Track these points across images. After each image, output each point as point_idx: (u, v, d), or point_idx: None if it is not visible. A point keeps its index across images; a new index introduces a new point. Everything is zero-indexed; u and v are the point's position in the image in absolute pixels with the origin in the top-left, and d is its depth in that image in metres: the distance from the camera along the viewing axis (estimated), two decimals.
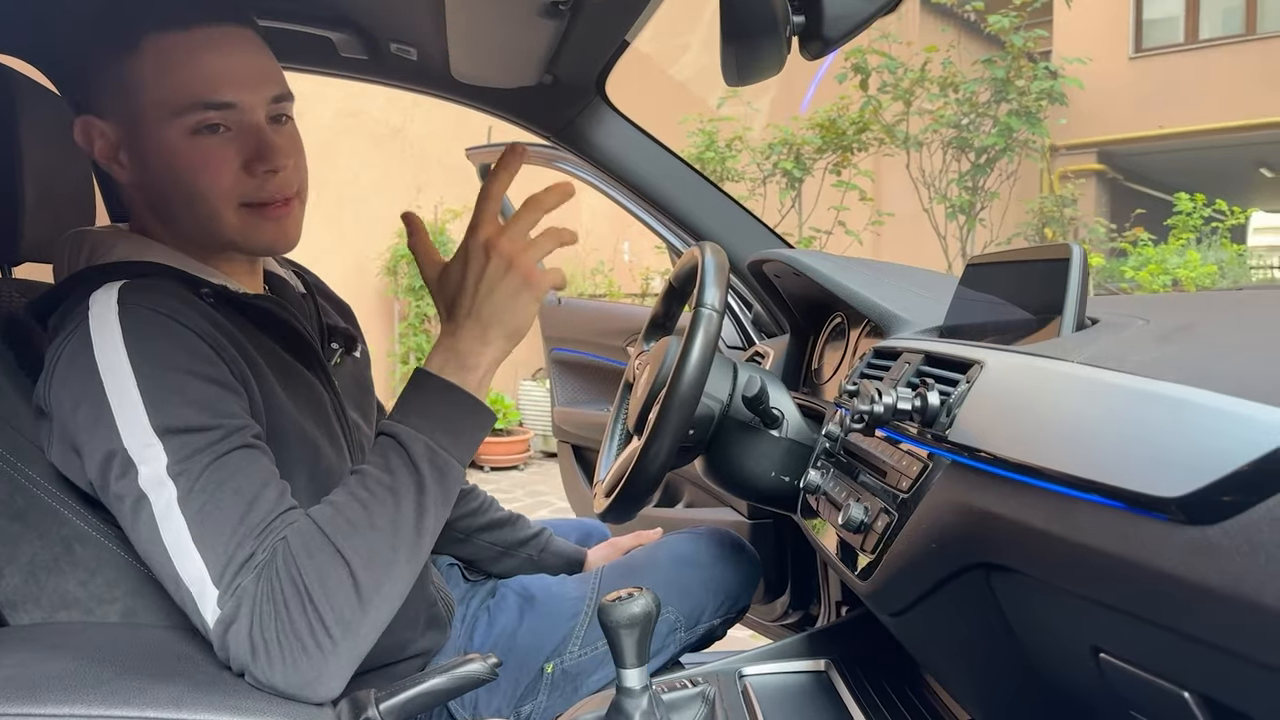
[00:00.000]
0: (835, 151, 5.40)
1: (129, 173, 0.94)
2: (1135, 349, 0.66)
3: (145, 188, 0.95)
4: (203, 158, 0.91)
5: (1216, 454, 0.50)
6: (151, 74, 0.89)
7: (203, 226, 0.94)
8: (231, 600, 0.76)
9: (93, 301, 0.85)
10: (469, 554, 1.36)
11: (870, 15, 0.86)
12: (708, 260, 1.13)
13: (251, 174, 0.92)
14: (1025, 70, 5.08)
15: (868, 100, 5.30)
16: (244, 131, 0.92)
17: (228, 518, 0.78)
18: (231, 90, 0.91)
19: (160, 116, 0.90)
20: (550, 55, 1.23)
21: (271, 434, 0.91)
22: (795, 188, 5.52)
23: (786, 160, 5.44)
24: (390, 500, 0.82)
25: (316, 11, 1.23)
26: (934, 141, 5.49)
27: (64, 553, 0.90)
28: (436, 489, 0.85)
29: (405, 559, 0.83)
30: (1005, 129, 5.05)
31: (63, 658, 0.78)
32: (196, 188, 0.92)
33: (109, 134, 0.93)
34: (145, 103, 0.90)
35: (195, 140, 0.90)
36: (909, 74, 5.28)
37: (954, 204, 5.36)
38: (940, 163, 5.51)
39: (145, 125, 0.91)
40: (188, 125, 0.90)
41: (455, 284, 0.88)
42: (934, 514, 0.72)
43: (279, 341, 1.00)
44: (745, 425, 1.19)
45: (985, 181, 5.36)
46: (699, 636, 1.28)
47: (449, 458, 0.86)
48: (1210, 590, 0.48)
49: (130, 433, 0.79)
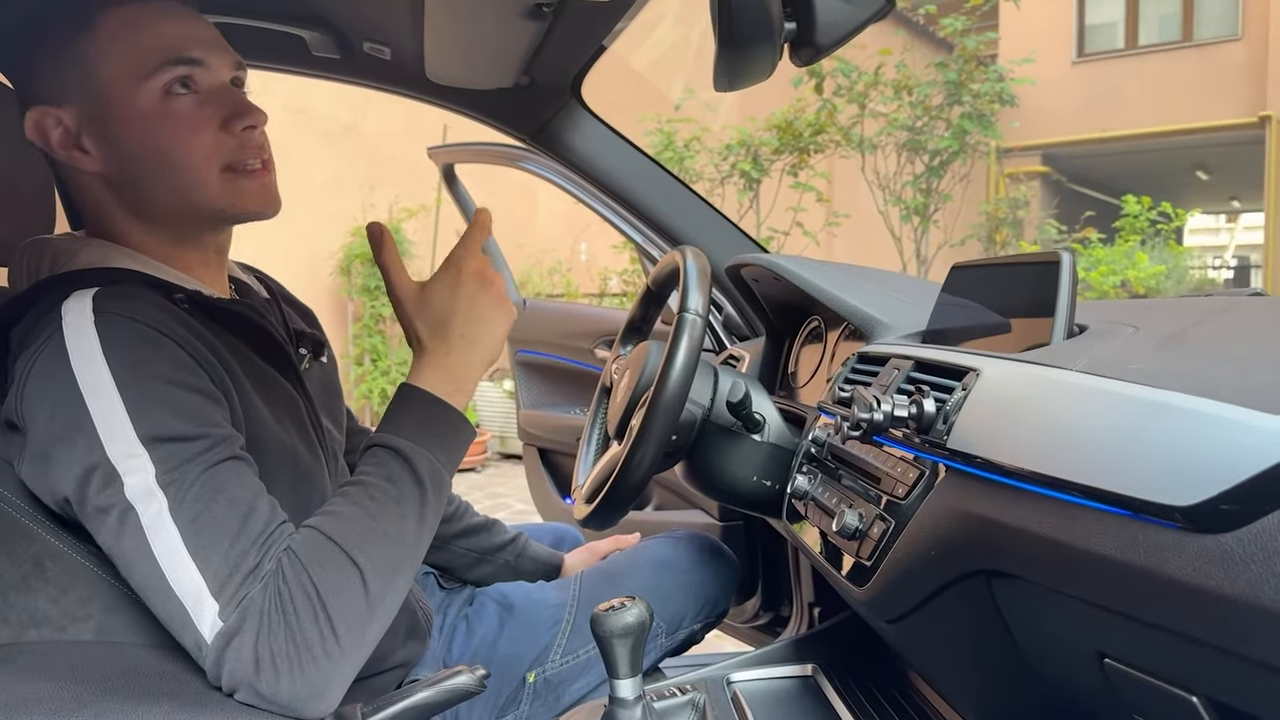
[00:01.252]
0: (792, 153, 5.45)
1: (94, 159, 0.90)
2: (1133, 357, 0.67)
3: (115, 171, 0.91)
4: (179, 118, 0.88)
5: (1226, 464, 0.51)
6: (110, 47, 0.87)
7: (184, 200, 0.91)
8: (236, 612, 0.74)
9: (65, 311, 0.82)
10: (445, 561, 1.34)
11: (862, 22, 0.87)
12: (690, 266, 1.12)
13: (230, 132, 0.90)
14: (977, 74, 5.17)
15: (824, 103, 5.35)
16: (215, 92, 0.90)
17: (225, 529, 0.77)
18: (199, 48, 0.90)
19: (127, 85, 0.87)
20: (529, 57, 1.21)
21: (251, 442, 0.89)
22: (753, 188, 5.55)
23: (744, 161, 5.48)
24: (395, 510, 0.83)
25: (289, 9, 1.20)
26: (888, 144, 5.57)
27: (34, 570, 0.86)
28: (435, 502, 0.86)
29: (408, 567, 0.84)
30: (959, 131, 5.14)
31: (38, 679, 0.75)
32: (177, 153, 0.89)
33: (66, 121, 0.89)
34: (107, 76, 0.87)
35: (169, 102, 0.88)
36: (863, 77, 5.34)
37: (909, 206, 5.44)
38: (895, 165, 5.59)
39: (111, 99, 0.88)
40: (159, 86, 0.87)
41: (444, 305, 0.91)
42: (933, 521, 0.73)
43: (253, 348, 0.97)
44: (727, 430, 1.19)
45: (939, 184, 5.45)
46: (679, 642, 1.28)
47: (445, 473, 0.88)
48: (1223, 597, 0.49)
49: (114, 444, 0.77)
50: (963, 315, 0.99)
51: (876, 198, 5.55)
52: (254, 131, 0.92)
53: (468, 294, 0.91)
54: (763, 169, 5.48)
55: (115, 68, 0.87)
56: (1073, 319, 0.80)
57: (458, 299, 0.90)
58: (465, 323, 0.90)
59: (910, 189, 5.48)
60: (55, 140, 0.90)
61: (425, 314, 0.91)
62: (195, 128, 0.89)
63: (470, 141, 2.33)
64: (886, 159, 5.62)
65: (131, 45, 0.87)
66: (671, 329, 1.08)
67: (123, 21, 0.88)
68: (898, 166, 5.56)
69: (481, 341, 0.91)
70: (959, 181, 5.53)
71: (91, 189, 0.93)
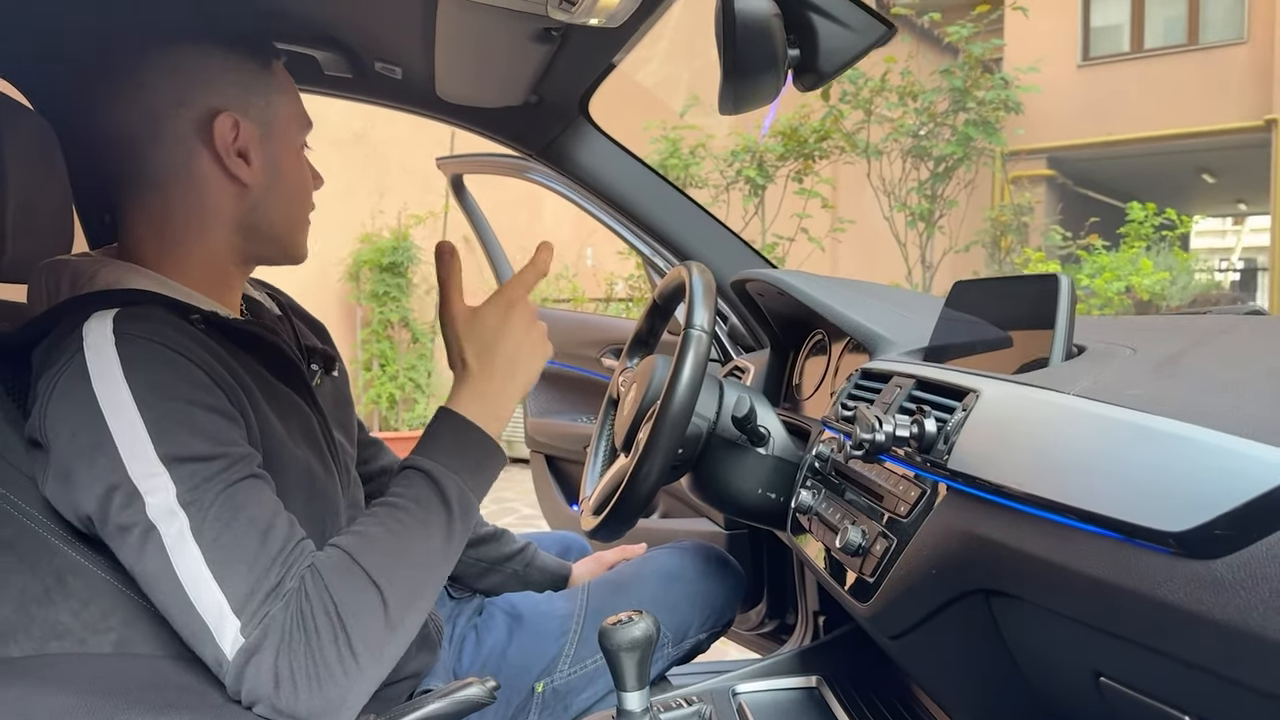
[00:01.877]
0: (797, 159, 5.46)
1: (251, 172, 0.96)
2: (1130, 381, 0.68)
3: (262, 187, 0.98)
4: (306, 172, 1.03)
5: (1218, 491, 0.53)
6: (283, 91, 1.00)
7: (289, 231, 1.02)
8: (258, 629, 0.76)
9: (86, 331, 0.84)
10: (454, 570, 1.36)
11: (862, 50, 0.89)
12: (696, 281, 1.14)
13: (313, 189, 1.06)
14: (983, 80, 5.18)
15: (829, 109, 5.37)
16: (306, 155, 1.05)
17: (246, 547, 0.79)
18: None
19: (291, 130, 1.00)
20: (537, 77, 1.23)
21: (268, 459, 0.91)
22: (758, 195, 5.57)
23: (749, 168, 5.49)
24: (422, 533, 0.86)
25: (302, 31, 1.22)
26: (894, 150, 5.58)
27: (55, 584, 0.88)
28: (461, 526, 0.89)
29: (431, 589, 0.86)
30: (964, 138, 5.15)
31: (62, 691, 0.77)
32: (304, 196, 1.03)
33: (245, 132, 0.95)
34: (284, 115, 0.99)
35: (301, 157, 1.03)
36: (869, 83, 5.36)
37: (914, 212, 5.46)
38: (900, 171, 5.60)
39: (283, 134, 0.99)
40: (301, 141, 1.02)
41: (493, 333, 0.96)
42: (934, 540, 0.75)
43: (266, 365, 0.99)
44: (732, 443, 1.21)
45: (944, 190, 5.46)
46: (685, 651, 1.30)
47: (473, 498, 0.91)
48: (1213, 622, 0.51)
49: (135, 463, 0.79)
50: (964, 331, 1.00)
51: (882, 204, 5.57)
52: None
53: (515, 326, 0.96)
54: (768, 175, 5.50)
55: (287, 111, 1.00)
56: (1071, 340, 0.82)
57: (506, 329, 0.96)
58: (510, 353, 0.95)
59: (915, 195, 5.49)
60: (228, 141, 0.95)
61: (474, 338, 0.96)
62: (308, 182, 1.04)
63: (478, 153, 2.35)
64: (892, 165, 5.64)
65: (293, 98, 1.02)
66: (678, 343, 1.10)
67: (285, 76, 1.01)
68: (903, 172, 5.57)
69: (521, 374, 0.96)
70: (964, 187, 5.54)
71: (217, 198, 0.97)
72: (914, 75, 5.39)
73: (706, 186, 5.75)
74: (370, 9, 1.14)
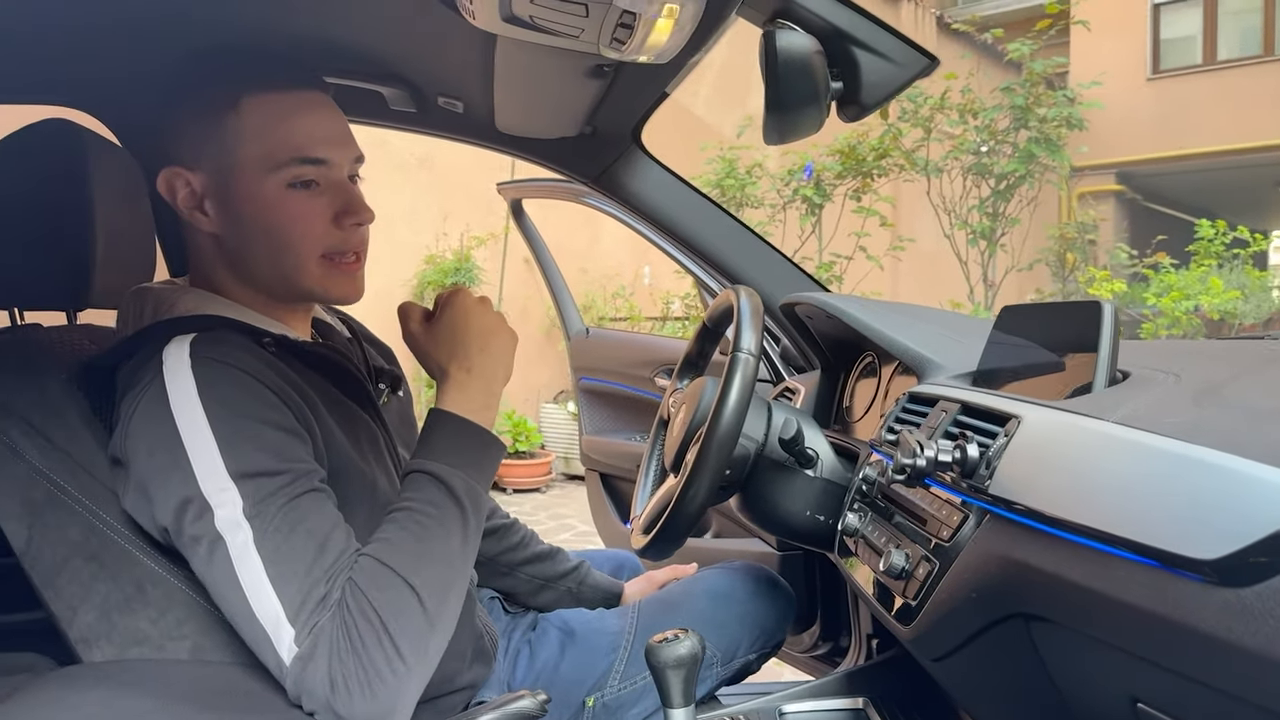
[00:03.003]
0: (855, 177, 5.44)
1: (212, 222, 0.99)
2: (1170, 410, 0.69)
3: (228, 238, 1.00)
4: (297, 210, 0.98)
5: (1252, 519, 0.53)
6: (250, 131, 0.96)
7: (283, 276, 1.00)
8: (309, 639, 0.80)
9: (166, 356, 0.90)
10: (510, 586, 1.40)
11: (905, 82, 0.90)
12: (743, 305, 1.16)
13: (340, 227, 1.00)
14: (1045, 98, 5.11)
15: (888, 128, 5.35)
16: (333, 187, 1.00)
17: (302, 559, 0.83)
18: (325, 148, 0.98)
19: (256, 170, 0.96)
20: (591, 109, 1.28)
21: (333, 473, 0.96)
22: (815, 214, 5.56)
23: (806, 187, 5.49)
24: (441, 531, 0.90)
25: (369, 69, 1.28)
26: (954, 168, 5.53)
27: (136, 592, 0.94)
28: (475, 519, 0.93)
29: (458, 582, 0.90)
30: (1026, 155, 5.07)
31: (139, 695, 0.82)
32: (287, 239, 0.98)
33: (195, 184, 0.98)
34: (241, 157, 0.96)
35: (289, 194, 0.97)
36: (928, 101, 5.32)
37: (975, 230, 5.39)
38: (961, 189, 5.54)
39: (239, 178, 0.97)
40: (283, 179, 0.96)
41: (457, 330, 1.00)
42: (975, 564, 0.76)
43: (335, 385, 1.05)
44: (780, 465, 1.22)
45: (1006, 208, 5.38)
46: (734, 671, 1.31)
47: (480, 490, 0.95)
48: (1245, 650, 0.51)
49: (206, 478, 0.84)
50: (1011, 356, 1.01)
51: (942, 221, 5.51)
52: (360, 228, 1.01)
53: (475, 317, 1.00)
54: (825, 194, 5.49)
55: (250, 152, 0.96)
56: (1114, 366, 0.82)
57: (469, 322, 1.00)
58: (480, 342, 0.99)
59: (976, 213, 5.42)
60: (181, 198, 0.99)
61: (440, 342, 1.00)
62: (308, 220, 0.98)
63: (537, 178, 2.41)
64: (952, 182, 5.58)
65: (268, 136, 0.96)
66: (725, 365, 1.12)
67: (265, 110, 0.96)
68: (964, 190, 5.51)
69: (497, 357, 1.00)
70: (1026, 205, 5.45)
71: (203, 245, 1.02)
72: (974, 93, 5.33)
73: (763, 206, 5.76)
74: (434, 50, 1.19)
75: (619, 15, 0.85)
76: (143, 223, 1.20)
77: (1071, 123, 4.99)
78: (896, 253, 5.62)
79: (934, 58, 0.90)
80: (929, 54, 0.89)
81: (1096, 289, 5.11)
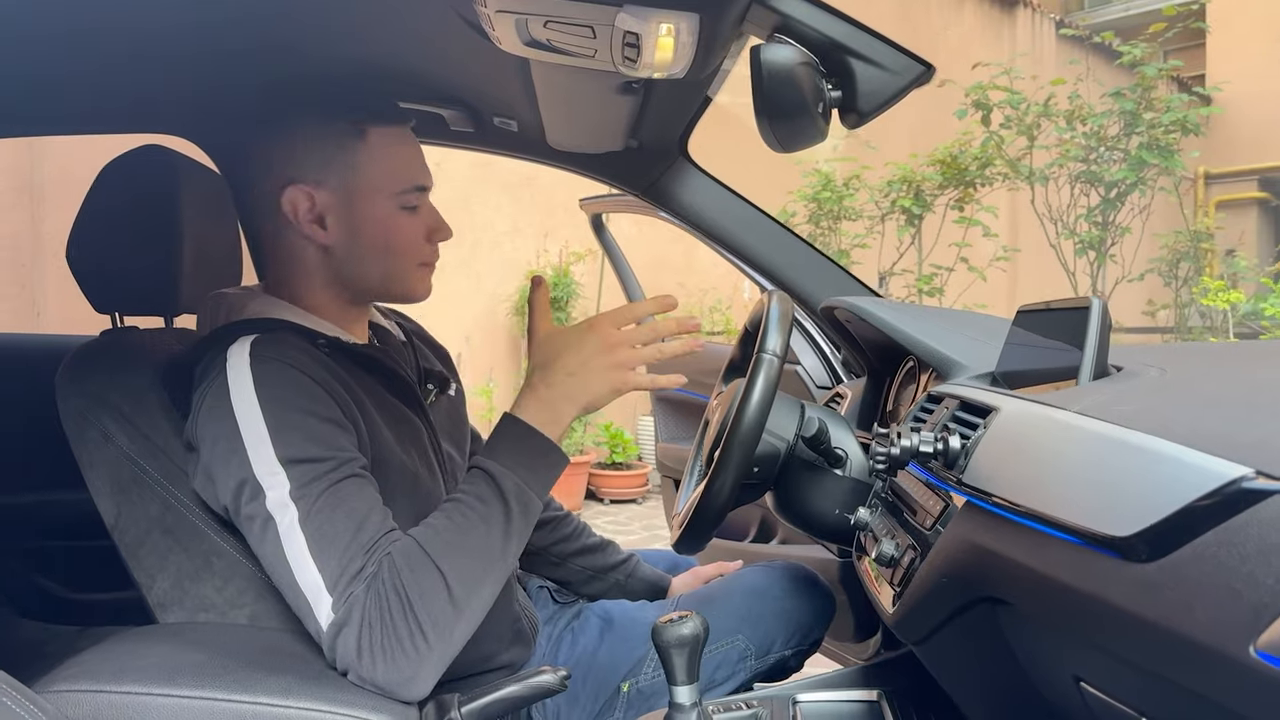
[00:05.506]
0: (957, 187, 5.34)
1: (330, 235, 1.12)
2: (1127, 400, 0.70)
3: (343, 248, 1.12)
4: (407, 229, 1.14)
5: (1162, 496, 0.55)
6: (376, 158, 1.11)
7: (386, 281, 1.15)
8: (344, 606, 0.90)
9: (229, 354, 1.02)
10: (561, 576, 1.48)
11: (901, 89, 0.94)
12: (773, 308, 1.21)
13: (430, 241, 1.16)
14: (1155, 102, 4.88)
15: (989, 136, 5.22)
16: (425, 208, 1.16)
17: (341, 536, 0.93)
18: (425, 177, 1.15)
19: (379, 192, 1.11)
20: (632, 124, 1.35)
21: (375, 464, 1.06)
22: (915, 225, 5.47)
23: (905, 197, 5.41)
24: (482, 526, 0.97)
25: (430, 94, 1.39)
26: (1061, 176, 5.34)
27: (204, 564, 1.06)
28: (520, 519, 1.00)
29: (492, 576, 0.97)
30: (1137, 162, 4.86)
31: (197, 651, 0.93)
32: (396, 250, 1.13)
33: (318, 200, 1.11)
34: (366, 180, 1.11)
35: (400, 214, 1.13)
36: (1032, 108, 5.17)
37: (1083, 240, 5.19)
38: (1068, 197, 5.35)
39: (363, 198, 1.11)
40: (398, 202, 1.12)
41: (560, 348, 1.05)
42: (948, 550, 0.78)
43: (382, 383, 1.15)
44: (810, 464, 1.25)
45: (1116, 216, 5.16)
46: (770, 666, 1.34)
47: (532, 494, 1.01)
48: (1147, 622, 0.53)
49: (259, 463, 0.95)
50: (1024, 357, 1.02)
51: (1048, 231, 5.33)
52: (442, 243, 1.17)
53: (587, 347, 1.04)
54: (925, 204, 5.40)
55: (375, 177, 1.11)
56: (1103, 362, 0.83)
57: (577, 348, 1.05)
58: (573, 367, 1.04)
59: (1084, 222, 5.22)
60: (301, 212, 1.11)
61: (543, 354, 1.07)
62: (414, 236, 1.14)
63: (616, 194, 2.50)
64: (1060, 191, 5.39)
65: (392, 163, 1.12)
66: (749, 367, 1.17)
67: (388, 140, 1.12)
68: (1071, 199, 5.32)
69: (579, 388, 1.04)
70: (1138, 213, 5.22)
71: (305, 255, 1.14)
72: (1083, 99, 5.15)
73: (861, 218, 5.70)
74: (484, 73, 1.29)
75: (623, 35, 0.91)
76: (229, 237, 1.33)
77: (1187, 127, 4.76)
78: (1001, 263, 5.46)
79: (929, 65, 0.93)
80: (924, 61, 0.92)
81: (1211, 300, 4.83)
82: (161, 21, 1.08)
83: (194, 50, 1.21)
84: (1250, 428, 0.59)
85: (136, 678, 0.86)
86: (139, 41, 1.14)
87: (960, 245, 5.26)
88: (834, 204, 5.60)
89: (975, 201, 5.32)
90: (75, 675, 0.86)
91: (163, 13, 1.05)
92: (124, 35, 1.10)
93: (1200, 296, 5.11)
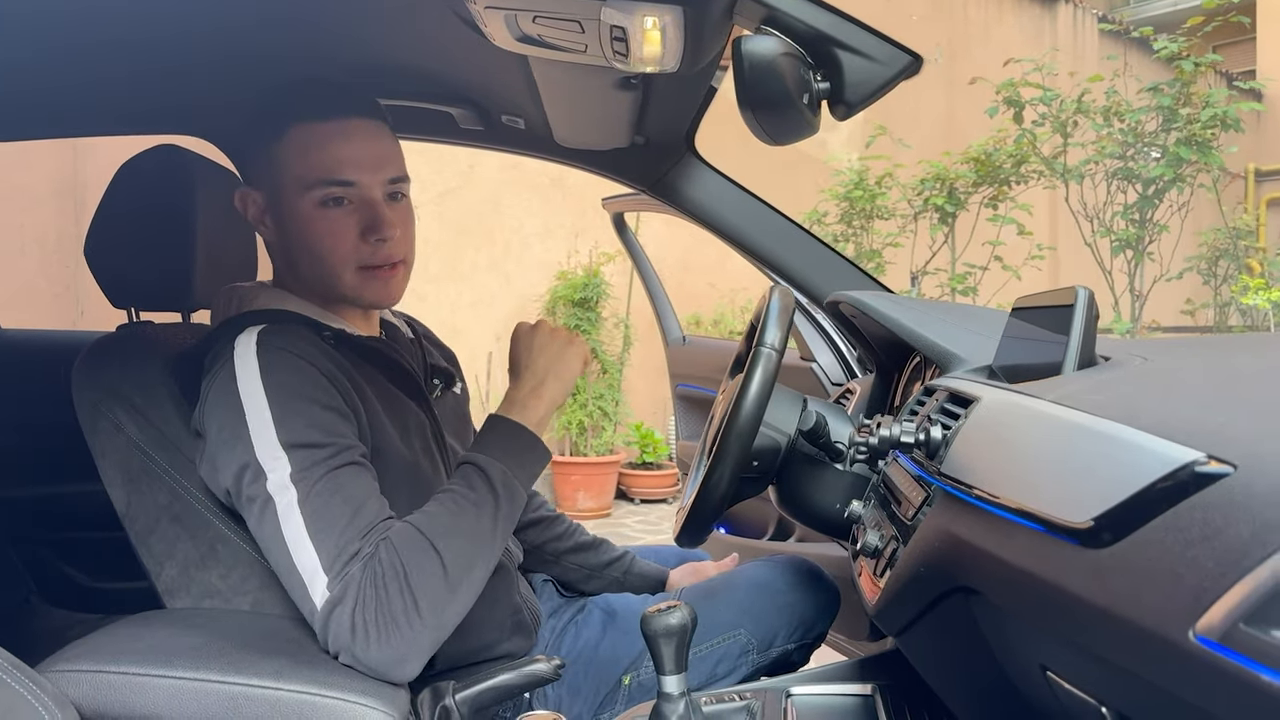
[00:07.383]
0: (990, 185, 5.27)
1: (271, 234, 1.17)
2: (1102, 389, 0.70)
3: (282, 248, 1.17)
4: (326, 226, 1.12)
5: (1117, 482, 0.55)
6: (293, 155, 1.11)
7: (324, 282, 1.15)
8: (340, 585, 0.92)
9: (237, 343, 1.05)
10: (558, 574, 1.50)
11: (889, 79, 0.94)
12: (773, 302, 1.21)
13: (366, 241, 1.13)
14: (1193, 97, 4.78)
15: (1023, 133, 5.15)
16: (362, 205, 1.12)
17: (338, 518, 0.95)
18: (353, 171, 1.11)
19: (296, 190, 1.11)
20: (635, 121, 1.35)
21: (375, 453, 1.08)
22: (948, 223, 5.41)
23: (938, 195, 5.35)
24: (473, 510, 1.01)
25: (438, 92, 1.41)
26: (1097, 173, 5.25)
27: (209, 551, 1.09)
28: (507, 505, 1.04)
29: (483, 559, 1.01)
30: (1174, 159, 4.75)
31: (196, 635, 0.96)
32: (320, 250, 1.12)
33: (258, 202, 1.16)
34: (285, 179, 1.12)
35: (322, 211, 1.11)
36: (1066, 104, 5.08)
37: (1119, 238, 5.09)
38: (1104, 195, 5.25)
39: (284, 196, 1.13)
40: (316, 198, 1.11)
41: (528, 350, 1.15)
42: (925, 540, 0.78)
43: (386, 376, 1.17)
44: (811, 458, 1.25)
45: (1153, 214, 5.05)
46: (772, 659, 1.34)
47: (517, 484, 1.06)
48: (1102, 610, 0.53)
49: (262, 446, 0.98)
50: (1018, 351, 1.01)
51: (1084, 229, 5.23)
52: (384, 243, 1.13)
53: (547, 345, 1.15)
54: (959, 202, 5.33)
55: (290, 174, 1.12)
56: (1088, 353, 0.82)
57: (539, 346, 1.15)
58: (542, 366, 1.13)
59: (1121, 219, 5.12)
60: (250, 214, 1.18)
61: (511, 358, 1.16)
62: (338, 235, 1.12)
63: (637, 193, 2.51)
64: (1096, 188, 5.30)
65: (303, 160, 1.11)
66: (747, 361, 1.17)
67: (303, 138, 1.11)
68: (1108, 196, 5.22)
69: (551, 382, 1.13)
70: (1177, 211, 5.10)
71: (271, 251, 1.21)
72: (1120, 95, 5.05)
73: (894, 216, 5.65)
74: (487, 71, 1.31)
75: (610, 30, 0.93)
76: (243, 234, 1.37)
77: (1226, 123, 4.64)
78: (1037, 261, 5.38)
79: (917, 55, 0.92)
80: (911, 52, 0.92)
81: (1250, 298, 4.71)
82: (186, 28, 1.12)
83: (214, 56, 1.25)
84: (1214, 414, 0.58)
85: (134, 659, 0.89)
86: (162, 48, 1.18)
87: (994, 244, 5.19)
88: (866, 203, 5.55)
89: (1010, 199, 5.25)
90: (76, 656, 0.89)
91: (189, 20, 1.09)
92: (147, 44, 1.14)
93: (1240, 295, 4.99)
